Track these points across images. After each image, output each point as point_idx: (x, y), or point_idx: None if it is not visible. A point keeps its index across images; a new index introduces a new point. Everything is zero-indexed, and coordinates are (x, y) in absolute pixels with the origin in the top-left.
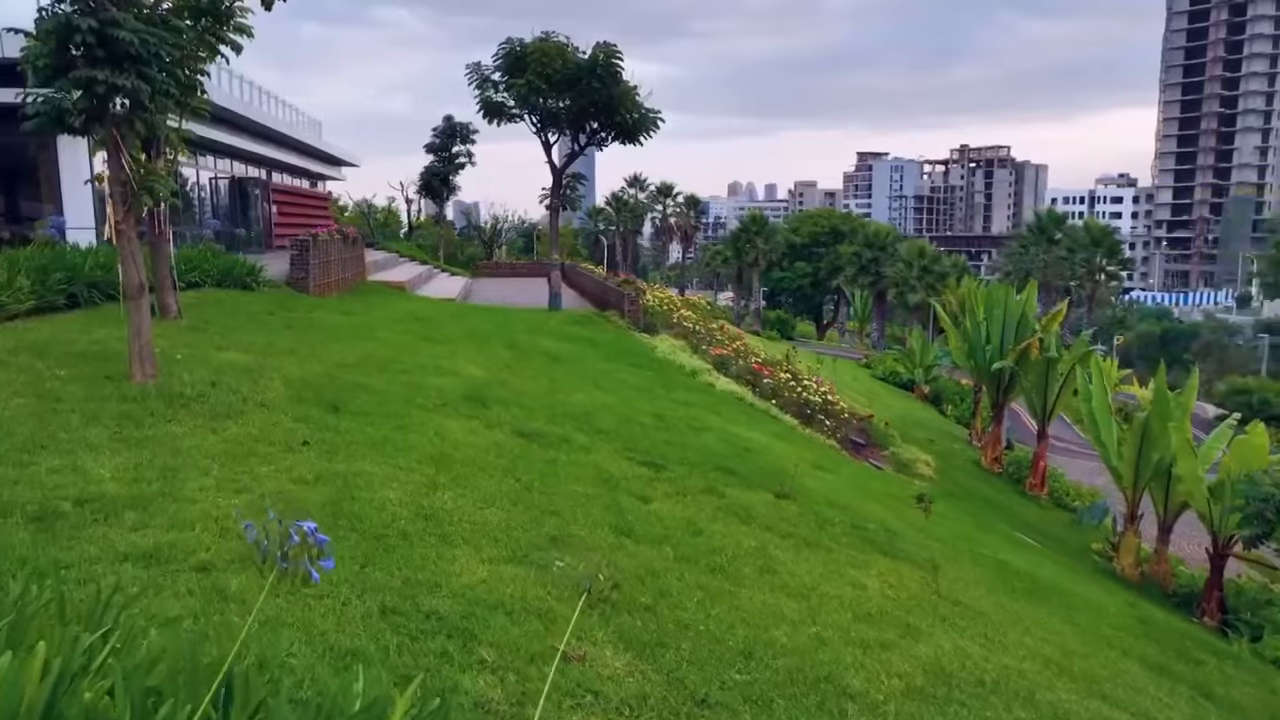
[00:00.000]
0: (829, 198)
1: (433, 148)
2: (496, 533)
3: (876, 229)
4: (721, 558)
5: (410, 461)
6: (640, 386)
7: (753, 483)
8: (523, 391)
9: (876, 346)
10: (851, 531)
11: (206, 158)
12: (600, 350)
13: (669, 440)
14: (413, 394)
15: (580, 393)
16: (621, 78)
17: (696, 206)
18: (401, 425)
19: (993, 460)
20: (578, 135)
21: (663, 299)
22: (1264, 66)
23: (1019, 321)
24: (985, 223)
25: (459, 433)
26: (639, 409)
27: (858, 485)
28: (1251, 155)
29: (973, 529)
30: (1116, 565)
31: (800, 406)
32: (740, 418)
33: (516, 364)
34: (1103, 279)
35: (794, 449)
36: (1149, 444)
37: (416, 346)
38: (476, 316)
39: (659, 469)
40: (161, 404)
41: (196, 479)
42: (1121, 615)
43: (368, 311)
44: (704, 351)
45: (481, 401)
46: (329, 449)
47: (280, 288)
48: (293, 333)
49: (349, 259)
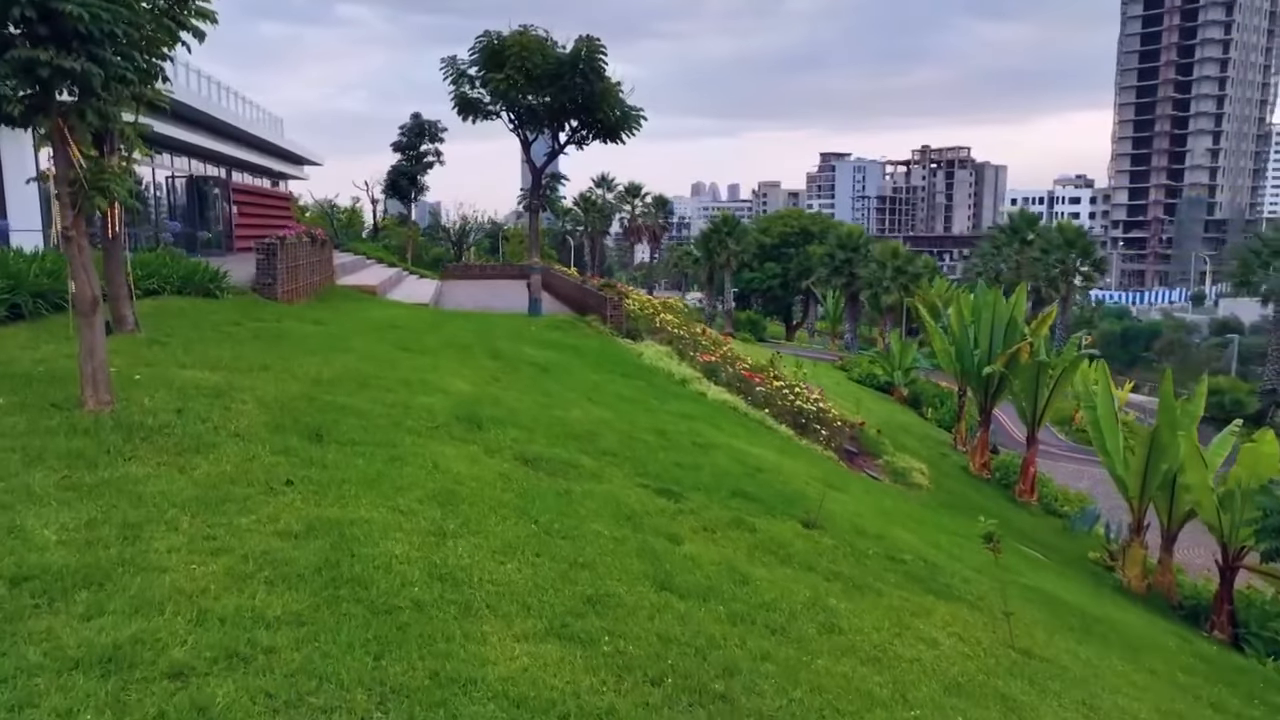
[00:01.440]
0: (793, 198)
1: (400, 146)
2: (525, 595)
3: (849, 230)
4: (778, 615)
5: (411, 502)
6: (634, 398)
7: (776, 510)
8: (516, 409)
9: (850, 348)
10: (891, 565)
11: (163, 155)
12: (587, 359)
13: (678, 461)
14: (401, 416)
15: (575, 407)
16: (604, 73)
17: (665, 207)
18: (395, 455)
19: (981, 466)
20: (557, 133)
21: (644, 302)
22: (1214, 70)
23: (1008, 325)
24: (947, 223)
25: (459, 462)
26: (639, 424)
27: (874, 505)
28: (1203, 157)
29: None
30: (1122, 577)
31: (794, 415)
32: (740, 431)
33: (504, 376)
34: (1077, 280)
35: (801, 465)
36: (1157, 453)
37: (396, 359)
38: (454, 324)
39: (677, 498)
40: (119, 438)
41: (164, 537)
42: (1180, 653)
43: (340, 319)
44: (691, 358)
45: (475, 422)
46: (317, 489)
47: (245, 294)
48: (263, 345)
49: (318, 262)
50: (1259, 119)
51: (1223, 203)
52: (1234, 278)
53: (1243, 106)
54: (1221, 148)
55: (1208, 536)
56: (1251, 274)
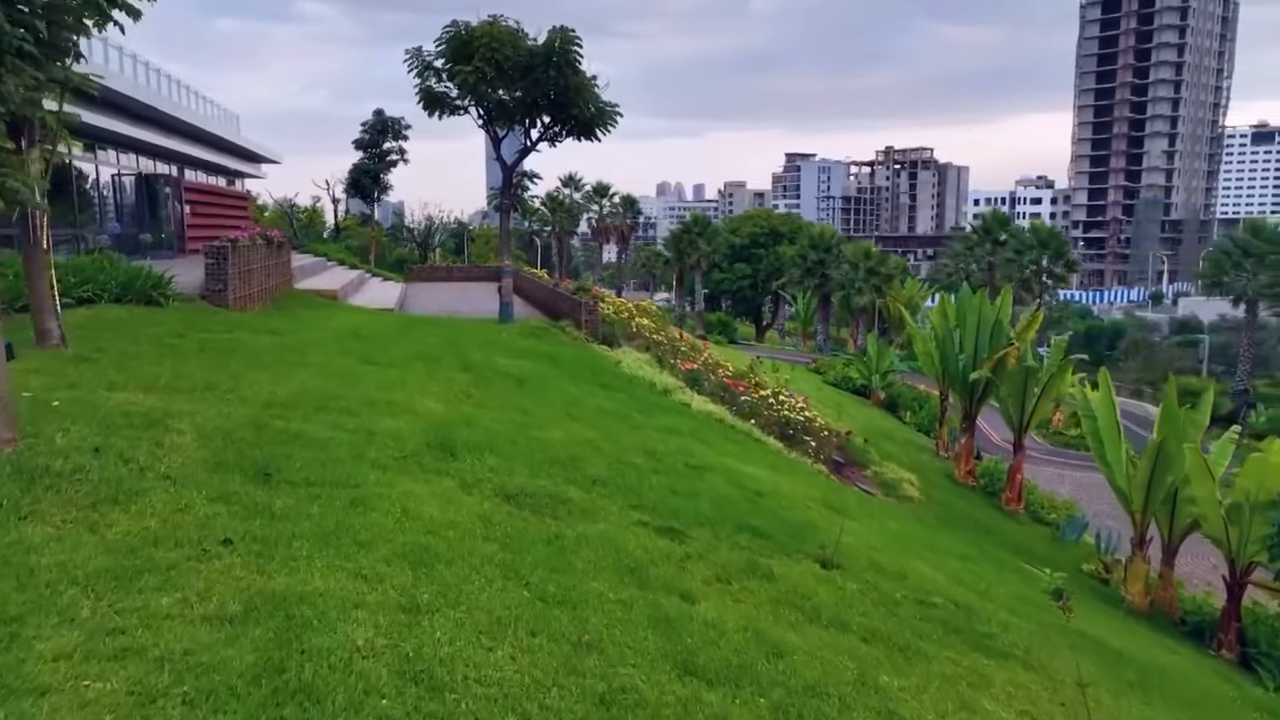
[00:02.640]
0: (758, 198)
1: (362, 144)
2: (523, 699)
3: (821, 231)
4: (829, 705)
5: (376, 563)
6: (617, 412)
7: (787, 546)
8: (493, 430)
9: (822, 349)
10: (924, 613)
11: (108, 151)
12: (564, 369)
13: (673, 488)
14: (364, 445)
15: (556, 426)
16: (580, 67)
17: (633, 207)
18: (357, 498)
19: (966, 473)
20: (529, 130)
21: (618, 306)
22: (1170, 74)
23: (993, 329)
24: (910, 223)
25: (432, 504)
26: (625, 444)
27: (880, 529)
28: (1160, 158)
29: (1007, 573)
30: (1124, 592)
31: (781, 426)
32: (729, 446)
33: (477, 391)
34: (1050, 281)
35: (798, 484)
36: (1163, 465)
37: (359, 373)
38: (421, 331)
39: (681, 537)
40: (17, 487)
41: (53, 634)
42: (1244, 711)
43: (298, 328)
44: (671, 365)
45: (449, 449)
46: (261, 549)
47: (193, 301)
48: (209, 360)
49: (274, 266)
50: (1212, 121)
51: (1178, 203)
52: (1206, 278)
53: (1197, 109)
54: (1177, 149)
55: (1202, 545)
56: (1224, 275)
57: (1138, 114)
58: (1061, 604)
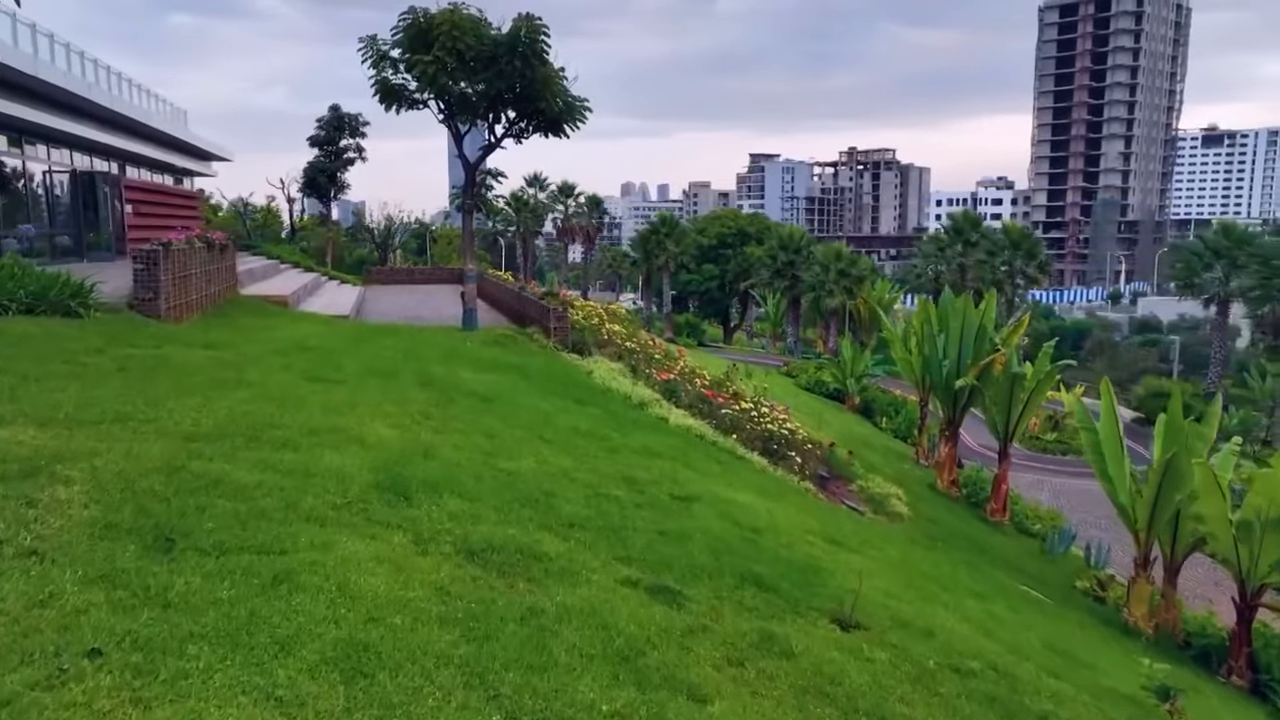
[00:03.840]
0: (723, 198)
1: (317, 141)
2: None
3: (791, 231)
4: None
5: (298, 675)
6: (592, 432)
7: (798, 601)
8: (454, 462)
9: (793, 352)
10: (969, 690)
11: (36, 147)
12: (534, 382)
13: (661, 527)
14: (299, 489)
15: (527, 453)
16: (547, 58)
17: (599, 207)
18: (282, 572)
19: (949, 483)
20: (493, 125)
21: (589, 312)
22: (1125, 77)
23: (977, 334)
24: (874, 223)
25: (377, 573)
26: (603, 471)
27: (887, 562)
28: (1116, 160)
29: (1022, 609)
30: (1127, 615)
31: (764, 441)
32: (713, 467)
33: (438, 412)
34: (1022, 283)
35: (791, 511)
36: (1171, 482)
37: (303, 394)
38: (378, 341)
39: (678, 601)
40: None
41: None
42: None
43: (239, 341)
44: (647, 375)
45: (402, 491)
46: (143, 661)
47: (121, 312)
48: (127, 383)
49: (216, 270)
50: (1166, 124)
51: (1134, 204)
52: (1179, 279)
53: (1152, 112)
54: (1133, 151)
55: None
56: (1196, 276)
57: (1095, 116)
58: (1170, 705)
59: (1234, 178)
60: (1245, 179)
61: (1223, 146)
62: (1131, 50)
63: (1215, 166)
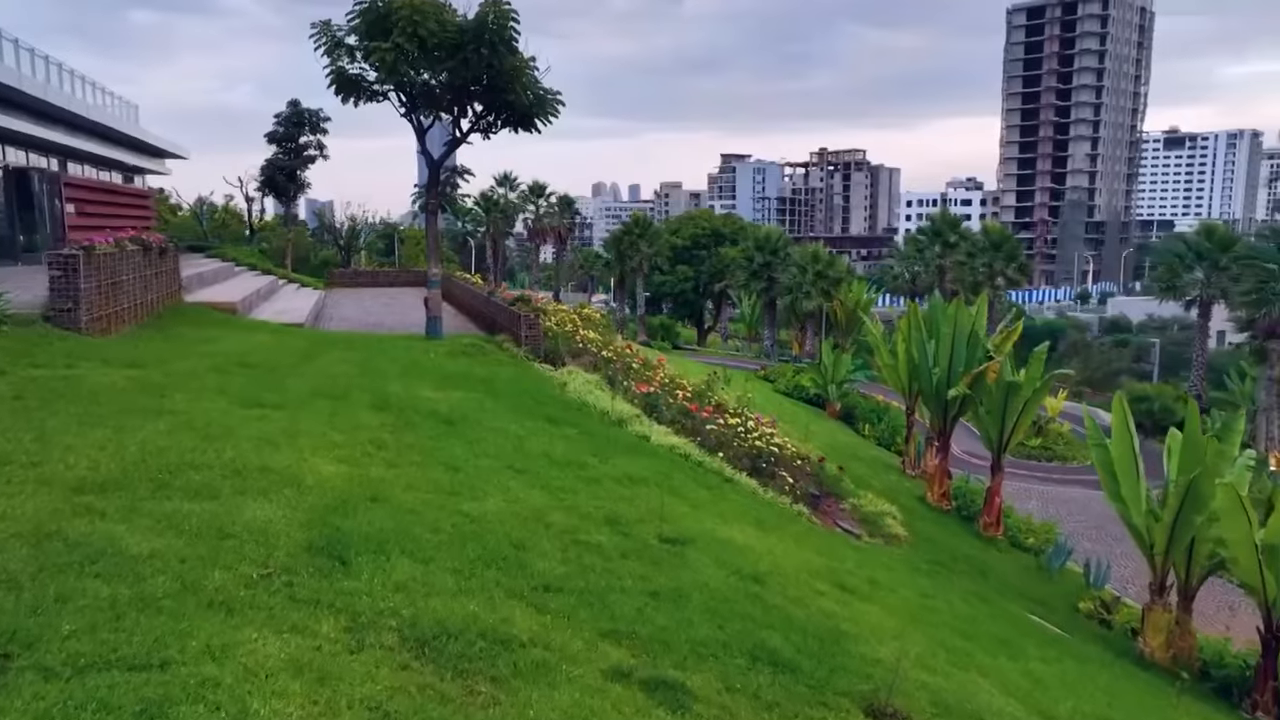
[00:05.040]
0: (694, 199)
1: (276, 137)
2: None
3: (768, 232)
4: None
5: None
6: (569, 459)
7: (822, 684)
8: (408, 506)
9: (769, 355)
10: None
11: None
12: (503, 399)
13: (652, 586)
14: (205, 561)
15: (495, 490)
16: (516, 46)
17: (570, 207)
18: (150, 705)
19: (940, 496)
20: (458, 119)
21: (562, 317)
22: (1092, 79)
23: (969, 340)
24: (844, 224)
25: (289, 692)
26: (582, 508)
27: (906, 610)
28: (1083, 161)
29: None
30: (1142, 645)
31: (752, 459)
32: (703, 494)
33: (393, 440)
34: (1002, 285)
35: (790, 547)
36: (1193, 504)
37: (235, 423)
38: (332, 354)
39: (680, 700)
40: None
41: None
42: None
43: (171, 357)
44: (623, 386)
45: (339, 554)
46: None
47: (34, 325)
48: (18, 415)
49: (155, 276)
50: (1131, 126)
51: (1101, 205)
52: (1161, 281)
53: (1117, 114)
54: (1099, 153)
55: None
56: (1177, 278)
57: (1062, 118)
58: None
59: (1195, 179)
60: (1206, 181)
61: (1184, 149)
62: (1097, 53)
63: (1177, 168)
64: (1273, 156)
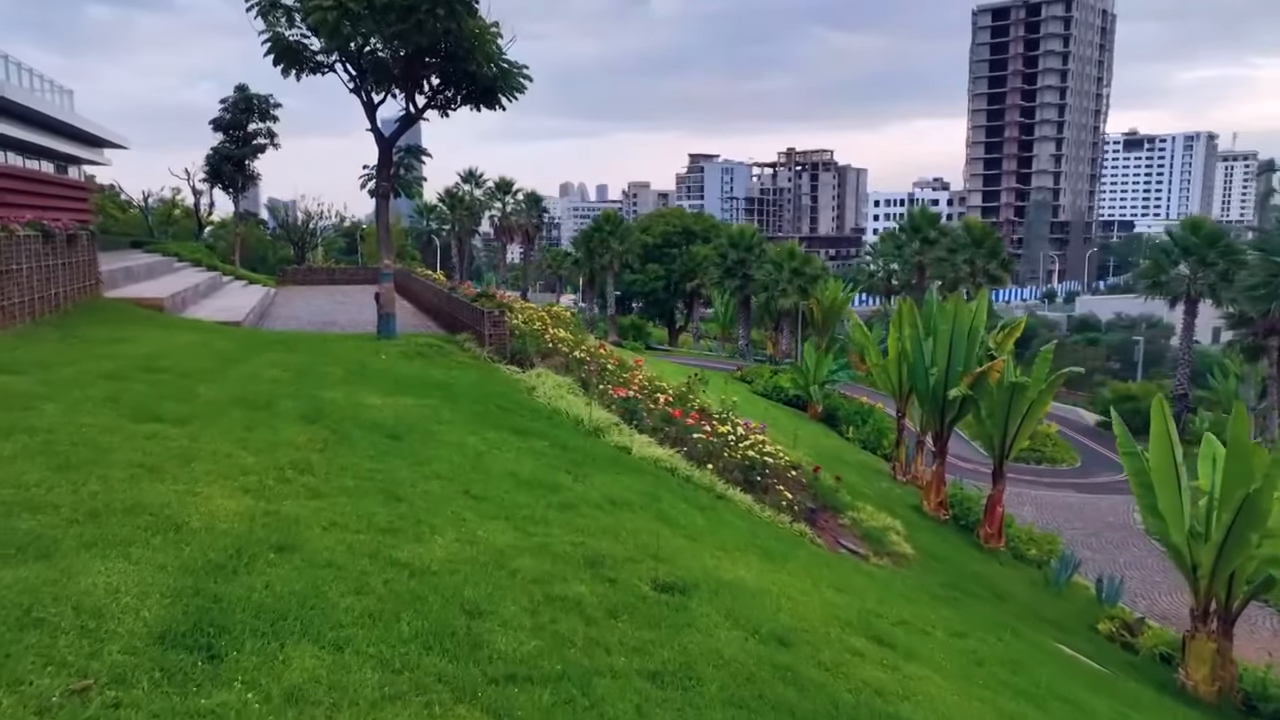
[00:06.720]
0: (662, 198)
1: (222, 124)
2: None
3: (741, 229)
4: None
5: None
6: (538, 479)
7: None
8: (325, 558)
9: (744, 355)
10: None
11: None
12: (462, 407)
13: (653, 666)
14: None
15: (445, 526)
16: (476, 8)
17: (538, 205)
18: None
19: (937, 505)
20: (413, 94)
21: (530, 315)
22: (1056, 80)
23: (968, 339)
24: (813, 224)
25: None
26: (555, 548)
27: (967, 681)
28: (1048, 162)
29: None
30: (1184, 678)
31: (745, 470)
32: (697, 519)
33: (322, 460)
34: (983, 282)
35: (808, 585)
36: (1249, 521)
37: (114, 442)
38: (264, 356)
39: None
40: None
41: None
42: None
43: (61, 361)
44: (600, 391)
45: (208, 645)
46: None
47: None
48: None
49: (64, 267)
50: (1094, 128)
51: (1065, 205)
52: (1146, 278)
53: (1080, 115)
54: (1063, 154)
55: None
56: (1162, 275)
57: (1027, 119)
58: None
59: (1154, 181)
60: (1164, 182)
61: (1143, 150)
62: (1061, 54)
63: (1136, 170)
64: (1227, 158)
